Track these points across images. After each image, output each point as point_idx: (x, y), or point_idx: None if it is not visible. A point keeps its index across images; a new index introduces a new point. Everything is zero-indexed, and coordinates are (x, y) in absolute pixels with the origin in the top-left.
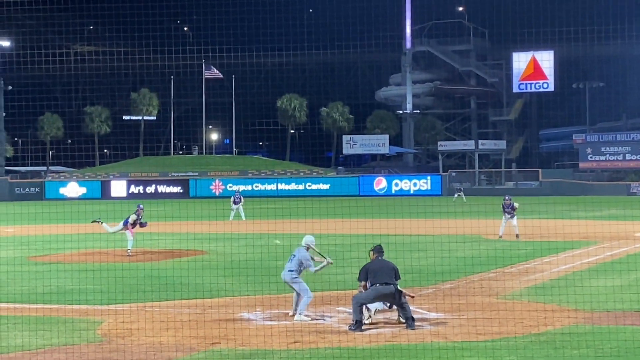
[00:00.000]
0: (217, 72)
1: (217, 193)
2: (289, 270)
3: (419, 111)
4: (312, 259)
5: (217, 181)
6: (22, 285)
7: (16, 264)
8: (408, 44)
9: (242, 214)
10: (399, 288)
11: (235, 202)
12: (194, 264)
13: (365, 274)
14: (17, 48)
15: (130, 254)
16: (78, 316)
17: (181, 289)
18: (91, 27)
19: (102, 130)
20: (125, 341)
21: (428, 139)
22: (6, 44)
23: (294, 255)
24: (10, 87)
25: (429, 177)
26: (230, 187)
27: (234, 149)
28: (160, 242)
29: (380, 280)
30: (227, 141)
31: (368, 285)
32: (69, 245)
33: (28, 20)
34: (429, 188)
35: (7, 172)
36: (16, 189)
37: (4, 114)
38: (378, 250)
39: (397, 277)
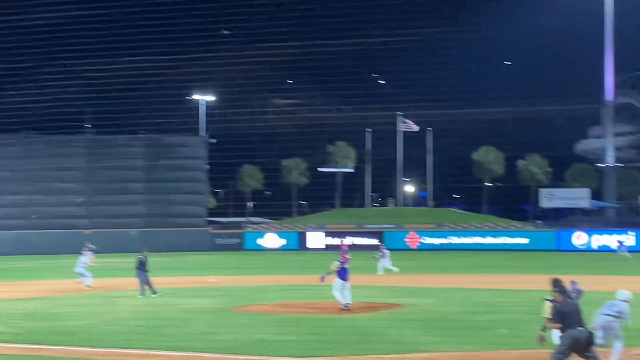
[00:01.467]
0: (413, 124)
1: (412, 246)
2: (606, 315)
3: (622, 164)
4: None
5: (411, 233)
6: (226, 336)
7: (219, 314)
8: (609, 96)
9: (391, 267)
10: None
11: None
12: (390, 315)
13: (561, 317)
14: (221, 101)
15: (346, 307)
16: None
17: (381, 342)
18: (289, 81)
19: (300, 182)
20: None
21: (630, 193)
22: (211, 98)
23: (613, 304)
24: (213, 140)
25: (633, 233)
26: (424, 239)
27: (430, 201)
28: (356, 293)
29: (575, 324)
30: (423, 193)
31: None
32: (269, 295)
33: (231, 74)
34: (634, 244)
35: (209, 222)
36: (217, 239)
37: (208, 166)
38: (561, 288)
39: None
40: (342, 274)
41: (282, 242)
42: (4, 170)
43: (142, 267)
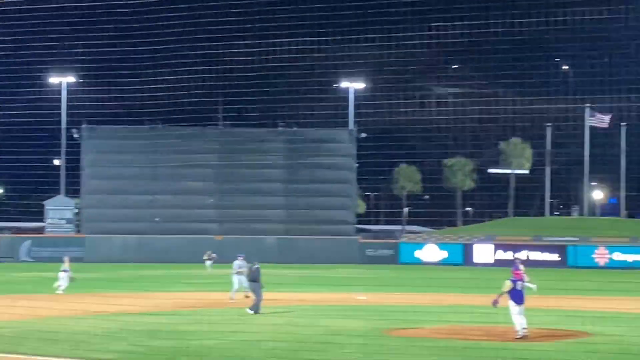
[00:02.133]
0: (604, 118)
1: (600, 263)
2: None
3: None
4: None
5: (600, 248)
6: None
7: (370, 337)
8: None
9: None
10: None
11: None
12: (577, 346)
13: None
14: (373, 89)
15: (522, 334)
16: None
17: None
18: (455, 67)
19: (466, 185)
20: None
21: None
22: (360, 86)
23: None
24: (364, 135)
25: None
26: (615, 256)
27: (622, 211)
28: (534, 318)
29: None
30: (614, 200)
31: None
32: (429, 317)
33: (385, 58)
34: None
35: (358, 230)
36: (367, 250)
37: (356, 165)
38: None
39: None
40: (515, 295)
41: (444, 254)
42: (126, 167)
43: (256, 278)
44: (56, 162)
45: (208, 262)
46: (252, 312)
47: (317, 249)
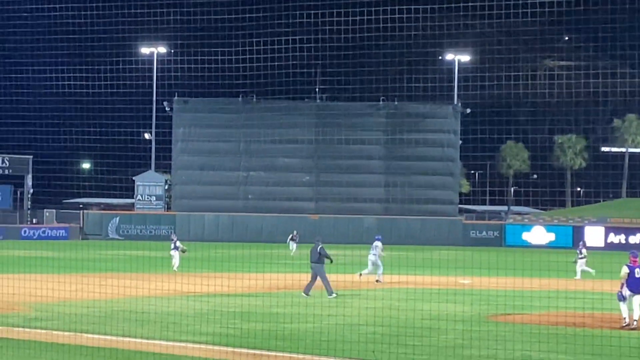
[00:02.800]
0: None
1: None
2: None
3: None
4: None
5: None
6: (481, 350)
7: (473, 323)
8: None
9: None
10: None
11: None
12: None
13: None
14: (479, 62)
15: (630, 324)
16: None
17: None
18: (567, 38)
19: (576, 164)
20: None
21: None
22: (465, 58)
23: None
24: (469, 110)
25: None
26: None
27: None
28: None
29: None
30: None
31: None
32: (535, 302)
33: (492, 29)
34: None
35: (462, 211)
36: (471, 232)
37: (460, 142)
38: None
39: None
40: (632, 283)
41: (552, 237)
42: (218, 142)
43: (321, 259)
44: (146, 136)
45: (292, 243)
46: (305, 295)
47: (418, 230)
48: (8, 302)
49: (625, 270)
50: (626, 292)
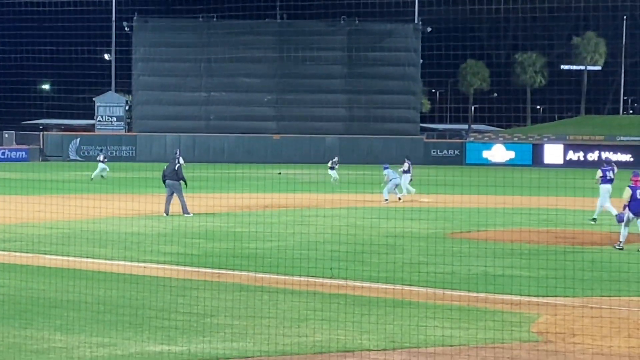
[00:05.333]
0: None
1: None
2: None
3: None
4: None
5: None
6: (441, 266)
7: (433, 240)
8: None
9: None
10: None
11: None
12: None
13: None
14: None
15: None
16: (509, 309)
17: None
18: None
19: (536, 83)
20: (566, 343)
21: None
22: None
23: None
24: (429, 29)
25: None
26: None
27: None
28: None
29: None
30: None
31: None
32: (495, 220)
33: None
34: None
35: (423, 130)
36: (432, 150)
37: (421, 61)
38: None
39: None
40: (634, 205)
41: (511, 155)
42: (180, 62)
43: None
44: (106, 56)
45: (332, 171)
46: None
47: (379, 149)
48: None
49: (627, 192)
50: (628, 214)
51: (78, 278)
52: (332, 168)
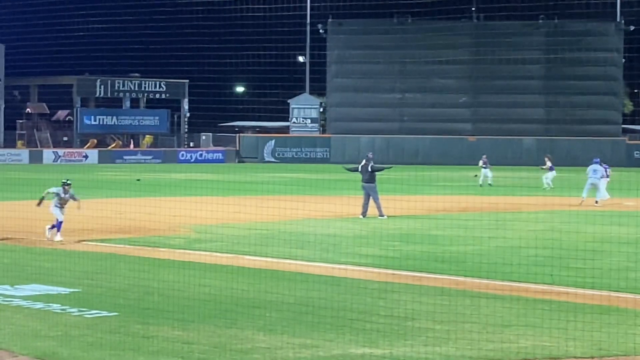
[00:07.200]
0: None
1: None
2: None
3: None
4: None
5: None
6: None
7: (639, 245)
8: None
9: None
10: None
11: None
12: None
13: None
14: None
15: None
16: None
17: None
18: None
19: None
20: None
21: None
22: None
23: None
24: (632, 27)
25: None
26: None
27: None
28: None
29: None
30: None
31: None
32: None
33: None
34: None
35: (625, 131)
36: (635, 152)
37: (623, 60)
38: None
39: None
40: None
41: None
42: (373, 64)
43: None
44: (301, 59)
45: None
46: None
47: (579, 151)
48: (169, 224)
49: None
50: None
51: (278, 279)
52: (484, 167)
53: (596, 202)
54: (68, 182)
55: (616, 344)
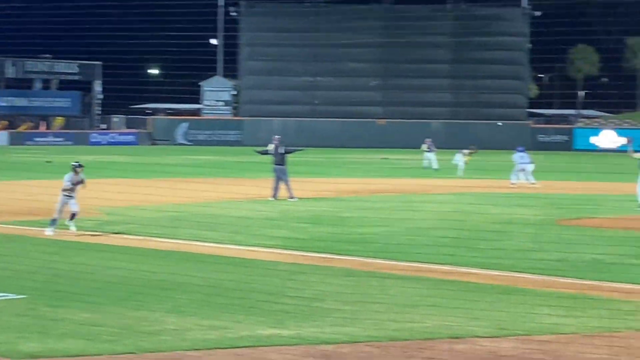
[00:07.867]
0: None
1: None
2: None
3: None
4: None
5: None
6: (550, 254)
7: (542, 227)
8: None
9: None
10: None
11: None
12: None
13: None
14: None
15: None
16: (621, 297)
17: None
18: None
19: None
20: None
21: None
22: None
23: None
24: (538, 13)
25: None
26: None
27: None
28: None
29: None
30: None
31: None
32: (605, 207)
33: None
34: None
35: (530, 115)
36: (539, 136)
37: (529, 45)
38: None
39: None
40: None
41: (622, 141)
42: (286, 47)
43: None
44: (213, 41)
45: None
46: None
47: (486, 134)
48: (81, 206)
49: None
50: None
51: (188, 261)
52: (428, 151)
53: (533, 183)
54: (80, 164)
55: (518, 324)
